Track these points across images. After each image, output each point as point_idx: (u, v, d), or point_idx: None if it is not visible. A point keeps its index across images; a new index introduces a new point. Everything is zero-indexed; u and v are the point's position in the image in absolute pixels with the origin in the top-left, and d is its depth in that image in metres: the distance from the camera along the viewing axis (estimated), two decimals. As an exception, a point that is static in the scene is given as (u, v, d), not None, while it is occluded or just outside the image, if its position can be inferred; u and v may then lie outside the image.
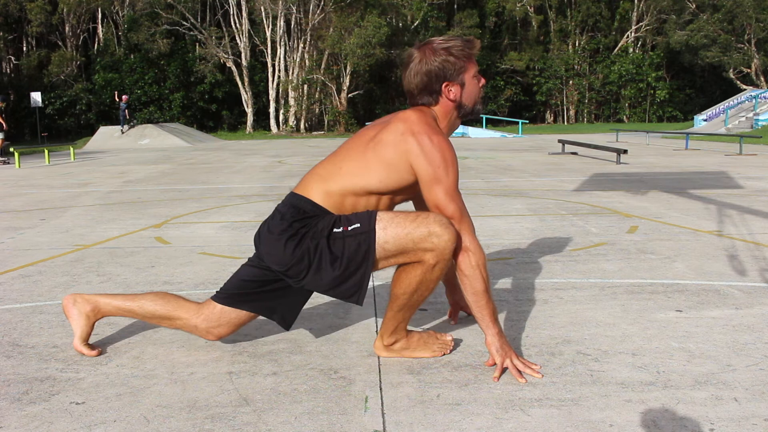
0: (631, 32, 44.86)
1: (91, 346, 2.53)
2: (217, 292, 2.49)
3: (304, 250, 2.25)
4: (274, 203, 6.86)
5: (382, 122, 2.41)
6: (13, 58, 38.05)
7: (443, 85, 2.34)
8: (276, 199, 7.35)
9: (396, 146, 2.26)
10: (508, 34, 46.35)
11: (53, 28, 38.46)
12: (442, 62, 2.32)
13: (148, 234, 5.32)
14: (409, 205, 2.64)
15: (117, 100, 28.45)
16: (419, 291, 2.29)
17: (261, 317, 2.97)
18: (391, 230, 2.22)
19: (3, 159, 16.12)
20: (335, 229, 2.25)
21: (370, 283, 3.53)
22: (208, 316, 2.45)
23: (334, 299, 3.20)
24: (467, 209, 2.31)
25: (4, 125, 16.76)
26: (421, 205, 2.63)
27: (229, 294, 2.44)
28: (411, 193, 2.40)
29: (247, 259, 2.52)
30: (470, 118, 2.49)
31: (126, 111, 25.90)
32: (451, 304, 2.86)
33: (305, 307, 3.12)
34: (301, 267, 2.26)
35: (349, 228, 2.24)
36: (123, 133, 25.67)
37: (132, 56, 38.63)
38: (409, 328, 2.59)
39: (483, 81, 2.43)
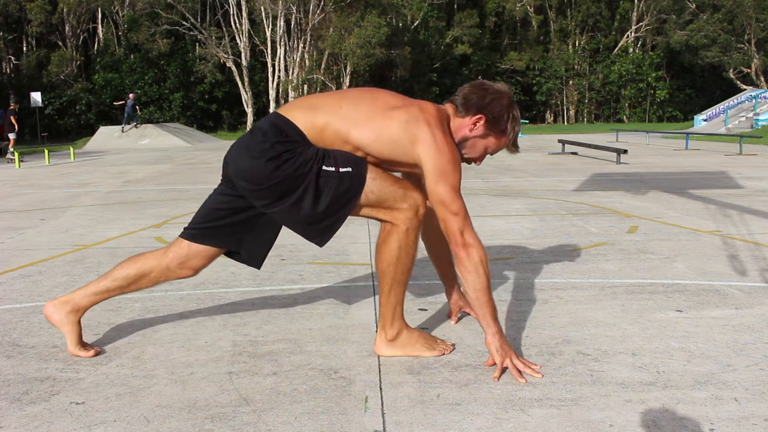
0: (631, 32, 44.87)
1: (88, 347, 2.52)
2: (185, 228, 2.49)
3: (285, 176, 2.21)
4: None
5: (401, 98, 2.38)
6: (13, 58, 38.04)
7: (480, 117, 2.36)
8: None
9: (407, 127, 2.25)
10: (508, 34, 46.37)
11: (53, 28, 38.45)
12: (502, 113, 2.37)
13: (148, 234, 5.32)
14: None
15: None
16: (401, 260, 2.33)
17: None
18: (378, 182, 2.28)
19: (11, 157, 16.38)
20: (326, 167, 2.23)
21: (370, 283, 3.53)
22: (177, 252, 2.45)
23: (333, 299, 3.20)
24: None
25: (16, 126, 18.15)
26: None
27: (198, 228, 2.44)
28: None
29: (213, 189, 2.49)
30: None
31: (135, 107, 25.96)
32: (451, 304, 2.87)
33: (305, 307, 3.13)
34: (277, 192, 2.24)
35: (341, 170, 2.24)
36: (123, 132, 25.58)
37: (132, 56, 38.62)
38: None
39: (482, 160, 2.50)
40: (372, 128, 2.26)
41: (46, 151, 16.54)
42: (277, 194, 2.24)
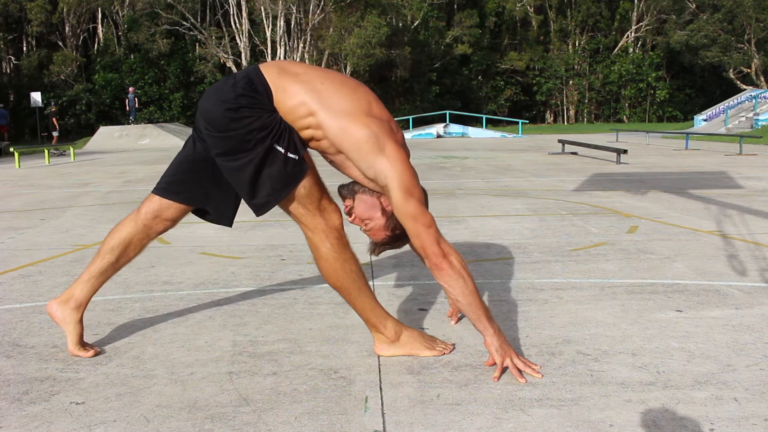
0: (631, 32, 44.85)
1: (88, 347, 2.53)
2: (156, 184, 2.54)
3: (235, 134, 2.22)
4: (274, 203, 6.85)
5: (381, 109, 2.36)
6: (13, 58, 38.03)
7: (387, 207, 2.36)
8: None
9: (377, 139, 2.23)
10: (508, 34, 46.34)
11: (53, 28, 38.42)
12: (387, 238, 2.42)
13: (148, 234, 5.31)
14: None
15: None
16: (345, 267, 2.36)
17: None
18: (312, 180, 2.32)
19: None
20: (277, 146, 2.23)
21: (370, 283, 3.52)
22: (150, 207, 2.51)
23: (333, 299, 3.21)
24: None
25: (57, 126, 21.67)
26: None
27: (167, 183, 2.50)
28: (327, 157, 2.40)
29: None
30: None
31: (135, 100, 26.40)
32: (451, 304, 2.86)
33: (305, 307, 3.13)
34: (225, 145, 2.26)
35: (289, 155, 2.25)
36: (131, 123, 26.08)
37: (132, 56, 38.61)
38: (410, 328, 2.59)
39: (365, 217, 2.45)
40: (342, 122, 2.24)
41: (46, 151, 16.53)
42: (224, 147, 2.27)
